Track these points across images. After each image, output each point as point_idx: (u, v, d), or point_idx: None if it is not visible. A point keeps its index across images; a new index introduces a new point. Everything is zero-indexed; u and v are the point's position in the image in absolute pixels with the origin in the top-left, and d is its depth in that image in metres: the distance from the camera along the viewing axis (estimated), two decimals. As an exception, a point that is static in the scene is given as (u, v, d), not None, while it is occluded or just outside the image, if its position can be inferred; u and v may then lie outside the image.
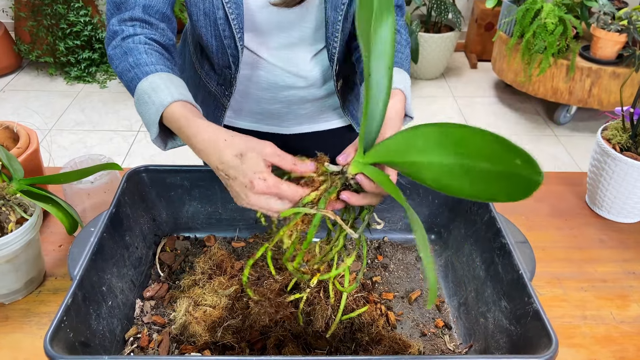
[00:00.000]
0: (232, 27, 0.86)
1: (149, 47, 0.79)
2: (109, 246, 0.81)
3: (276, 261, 0.88)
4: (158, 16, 0.82)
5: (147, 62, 0.76)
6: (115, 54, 0.80)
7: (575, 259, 0.99)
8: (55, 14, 3.13)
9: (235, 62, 0.91)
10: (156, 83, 0.74)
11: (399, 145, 0.60)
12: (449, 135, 0.55)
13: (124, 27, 0.80)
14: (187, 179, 0.95)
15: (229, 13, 0.84)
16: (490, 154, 0.52)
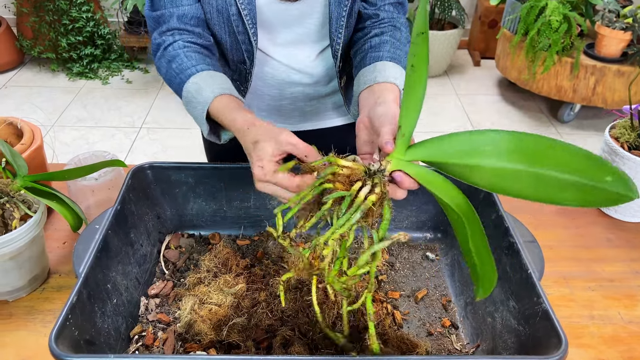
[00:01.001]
0: (245, 23, 0.86)
1: (188, 50, 0.85)
2: (113, 243, 0.80)
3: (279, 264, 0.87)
4: (193, 22, 0.87)
5: (188, 65, 0.83)
6: (161, 64, 0.87)
7: (582, 258, 0.98)
8: (57, 10, 3.12)
9: (250, 57, 0.92)
10: (198, 84, 0.80)
11: (459, 145, 0.59)
12: (525, 143, 0.56)
13: (164, 37, 0.87)
14: (192, 176, 0.94)
15: (241, 9, 0.84)
16: (575, 166, 0.53)
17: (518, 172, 0.55)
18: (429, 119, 3.03)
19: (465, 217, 0.58)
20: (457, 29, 3.34)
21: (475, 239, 0.57)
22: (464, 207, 0.58)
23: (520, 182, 0.55)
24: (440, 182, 0.61)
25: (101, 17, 3.33)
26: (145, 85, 3.25)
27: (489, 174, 0.57)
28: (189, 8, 0.87)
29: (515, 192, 0.56)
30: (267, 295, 0.81)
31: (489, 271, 0.57)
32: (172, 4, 0.87)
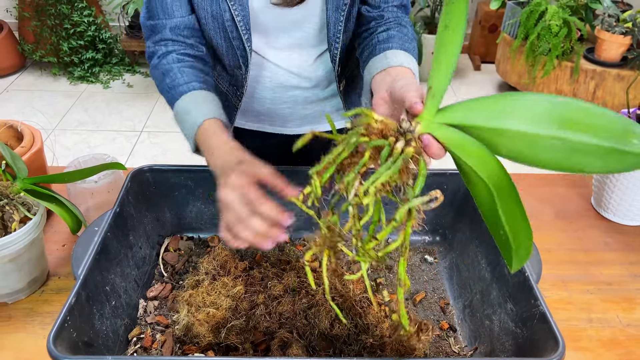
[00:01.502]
0: (239, 29, 0.87)
1: (182, 65, 0.86)
2: (112, 246, 0.81)
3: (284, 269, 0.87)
4: (186, 33, 0.89)
5: (180, 82, 0.85)
6: (155, 75, 0.89)
7: (580, 262, 0.98)
8: (59, 14, 3.13)
9: (245, 63, 0.92)
10: (188, 107, 0.82)
11: (489, 108, 0.55)
12: (557, 107, 0.52)
13: (157, 47, 0.89)
14: (191, 179, 0.94)
15: (234, 15, 0.85)
16: (605, 130, 0.51)
17: (547, 139, 0.53)
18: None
19: (497, 188, 0.55)
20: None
21: (509, 209, 0.55)
22: (498, 176, 0.55)
23: (547, 150, 0.53)
24: (472, 147, 0.56)
25: (103, 22, 3.35)
26: (146, 89, 3.26)
27: (517, 140, 0.54)
28: (181, 20, 0.87)
29: (542, 161, 0.53)
30: (266, 298, 0.81)
31: (524, 239, 0.56)
32: (165, 15, 0.87)
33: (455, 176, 0.95)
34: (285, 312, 0.79)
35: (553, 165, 0.53)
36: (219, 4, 0.85)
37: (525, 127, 0.53)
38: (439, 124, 0.58)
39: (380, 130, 0.58)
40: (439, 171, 0.95)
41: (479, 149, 0.56)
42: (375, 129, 0.58)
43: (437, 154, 0.58)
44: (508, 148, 0.55)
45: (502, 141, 0.55)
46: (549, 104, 0.53)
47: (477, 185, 0.57)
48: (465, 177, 0.58)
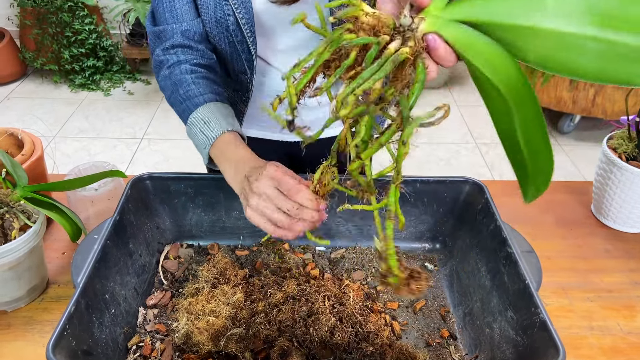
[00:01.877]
0: (243, 32, 0.87)
1: (196, 76, 0.86)
2: (112, 254, 0.81)
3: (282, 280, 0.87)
4: (197, 37, 0.89)
5: (195, 94, 0.85)
6: (166, 85, 0.88)
7: (580, 269, 0.98)
8: (60, 22, 3.15)
9: (251, 67, 0.93)
10: (207, 116, 0.83)
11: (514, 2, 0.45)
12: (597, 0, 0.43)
13: (167, 55, 0.88)
14: (191, 187, 0.94)
15: (239, 18, 0.85)
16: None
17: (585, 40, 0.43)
18: (429, 129, 3.03)
19: (515, 98, 0.47)
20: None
21: (528, 125, 0.47)
22: (515, 84, 0.46)
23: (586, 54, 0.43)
24: (485, 47, 0.47)
25: (104, 30, 3.36)
26: (146, 97, 3.27)
27: (548, 41, 0.44)
28: (191, 23, 0.88)
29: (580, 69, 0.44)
30: (265, 306, 0.81)
31: (543, 163, 0.48)
32: (174, 19, 0.87)
33: (455, 183, 0.95)
34: (285, 320, 0.79)
35: (592, 74, 0.44)
36: (222, 8, 0.85)
37: (561, 25, 0.44)
38: (448, 20, 0.48)
39: (372, 27, 0.49)
40: (438, 178, 0.95)
41: (494, 51, 0.47)
42: (366, 25, 0.48)
43: (446, 58, 0.49)
44: (537, 52, 0.45)
45: (529, 43, 0.45)
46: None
47: (492, 98, 0.48)
48: (480, 88, 0.49)
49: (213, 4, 0.87)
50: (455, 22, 0.48)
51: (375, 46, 0.47)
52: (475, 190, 0.94)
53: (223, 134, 0.81)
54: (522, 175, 0.51)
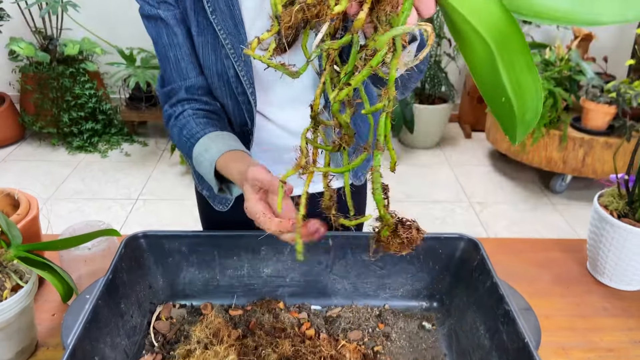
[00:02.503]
0: (243, 84, 0.92)
1: (197, 116, 0.92)
2: (103, 314, 0.79)
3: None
4: (200, 92, 0.95)
5: (197, 130, 0.90)
6: (173, 132, 0.95)
7: (579, 328, 0.97)
8: (61, 87, 3.23)
9: (251, 118, 0.97)
10: (207, 144, 0.87)
11: None
12: None
13: (174, 108, 0.95)
14: (186, 245, 0.94)
15: (238, 71, 0.90)
16: None
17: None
18: (423, 189, 3.07)
19: (497, 40, 0.46)
20: (447, 104, 3.46)
21: (513, 61, 0.46)
22: (499, 25, 0.45)
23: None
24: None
25: (103, 94, 3.44)
26: (143, 158, 3.31)
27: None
28: (195, 79, 0.94)
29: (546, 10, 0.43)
30: None
31: (531, 97, 0.47)
32: (180, 77, 0.94)
33: (450, 240, 0.96)
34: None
35: (562, 15, 0.43)
36: (223, 62, 0.91)
37: None
38: None
39: None
40: (433, 235, 0.95)
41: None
42: None
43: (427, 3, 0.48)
44: None
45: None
46: None
47: (472, 44, 0.48)
48: (458, 37, 0.49)
49: (214, 58, 0.91)
50: None
51: None
52: (471, 247, 0.94)
53: (221, 156, 0.83)
54: (509, 117, 0.50)
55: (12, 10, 3.20)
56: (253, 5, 0.89)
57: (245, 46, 0.90)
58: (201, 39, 0.91)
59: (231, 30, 0.88)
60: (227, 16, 0.88)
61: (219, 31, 0.88)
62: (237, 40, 0.89)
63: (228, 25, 0.88)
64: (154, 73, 3.10)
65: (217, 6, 0.87)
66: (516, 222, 2.77)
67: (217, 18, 0.87)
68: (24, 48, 3.08)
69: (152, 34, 0.93)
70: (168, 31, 0.90)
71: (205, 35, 0.90)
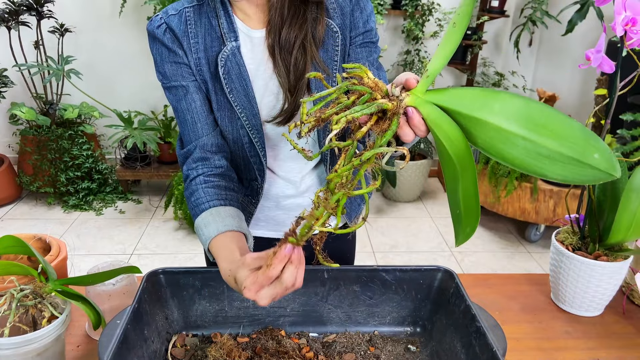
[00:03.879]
0: (256, 148, 1.08)
1: (206, 186, 1.02)
2: (131, 337, 0.91)
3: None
4: (213, 149, 1.06)
5: (203, 201, 1.00)
6: (186, 196, 1.05)
7: (545, 348, 1.10)
8: (59, 149, 3.37)
9: (261, 175, 1.12)
10: (207, 220, 0.97)
11: (473, 99, 0.62)
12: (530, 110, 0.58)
13: (190, 171, 1.05)
14: (199, 279, 1.07)
15: (252, 137, 1.06)
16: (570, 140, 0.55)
17: (517, 137, 0.58)
18: (407, 239, 3.22)
19: (461, 165, 0.62)
20: (426, 159, 3.68)
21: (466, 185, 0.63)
22: (463, 155, 0.62)
23: (517, 148, 0.58)
24: (447, 126, 0.63)
25: (100, 155, 3.59)
26: (137, 215, 3.42)
27: (491, 132, 0.59)
28: (207, 138, 1.07)
29: (510, 158, 0.59)
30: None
31: (472, 217, 0.66)
32: (195, 137, 1.07)
33: (429, 272, 1.10)
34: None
35: (518, 163, 0.59)
36: (239, 131, 1.07)
37: (502, 122, 0.59)
38: (426, 101, 0.65)
39: (371, 87, 0.66)
40: (414, 267, 1.10)
41: (454, 130, 0.63)
42: (366, 84, 0.66)
43: (419, 128, 0.66)
44: (483, 139, 0.61)
45: (479, 131, 0.61)
46: (525, 106, 0.59)
47: (447, 163, 0.65)
48: (440, 154, 0.66)
49: (231, 128, 1.08)
50: (431, 104, 0.66)
51: (368, 94, 0.67)
52: (447, 276, 1.08)
53: (217, 236, 0.93)
54: (457, 224, 0.69)
55: (15, 77, 3.39)
56: (261, 84, 1.07)
57: (258, 118, 1.07)
58: (220, 113, 1.08)
59: (245, 106, 1.06)
60: (242, 94, 1.05)
61: (236, 107, 1.05)
62: (250, 113, 1.06)
63: (243, 102, 1.05)
64: (150, 134, 3.28)
65: (234, 87, 1.05)
66: (495, 270, 2.92)
67: (234, 97, 1.05)
68: (26, 112, 3.25)
69: (172, 101, 1.08)
70: (187, 98, 1.07)
71: (224, 110, 1.07)
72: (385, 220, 3.45)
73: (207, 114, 1.08)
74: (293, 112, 1.04)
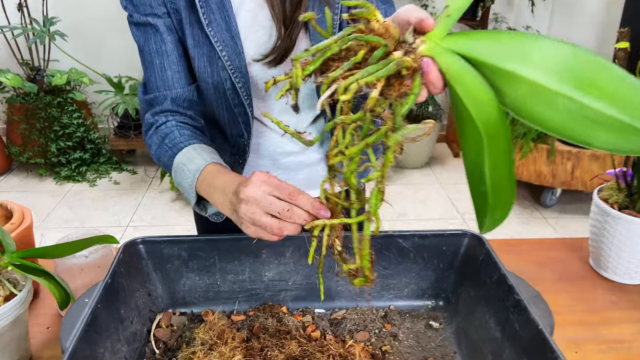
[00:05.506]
0: (240, 96, 0.90)
1: (182, 128, 0.89)
2: (103, 318, 0.76)
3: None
4: (186, 104, 0.92)
5: (181, 140, 0.87)
6: (152, 142, 0.91)
7: (589, 322, 0.95)
8: (48, 117, 3.20)
9: (248, 129, 0.95)
10: (190, 154, 0.84)
11: (506, 46, 0.49)
12: (578, 61, 0.46)
13: (157, 117, 0.91)
14: (185, 250, 0.92)
15: (235, 82, 0.88)
16: (624, 101, 0.45)
17: (558, 96, 0.46)
18: (415, 206, 3.07)
19: (490, 133, 0.49)
20: (434, 123, 3.49)
21: (497, 159, 0.50)
22: (494, 120, 0.49)
23: (556, 109, 0.47)
24: (473, 82, 0.50)
25: (92, 123, 3.43)
26: (132, 186, 3.27)
27: (525, 89, 0.47)
28: (181, 91, 0.91)
29: (547, 122, 0.47)
30: None
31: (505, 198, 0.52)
32: (165, 87, 0.91)
33: (453, 237, 0.95)
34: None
35: (556, 129, 0.48)
36: (219, 74, 0.89)
37: (541, 77, 0.47)
38: (445, 49, 0.51)
39: (380, 34, 0.51)
40: (436, 232, 0.94)
41: (481, 89, 0.49)
42: (375, 30, 0.51)
43: (435, 84, 0.52)
44: (513, 98, 0.49)
45: (509, 88, 0.48)
46: (571, 56, 0.46)
47: (469, 130, 0.52)
48: (459, 117, 0.53)
49: (210, 70, 0.90)
50: (451, 52, 0.51)
51: (382, 48, 0.50)
52: (475, 242, 0.93)
53: (207, 166, 0.80)
54: (483, 206, 0.54)
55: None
56: (247, 16, 0.89)
57: (242, 58, 0.89)
58: (197, 50, 0.89)
59: (228, 42, 0.87)
60: (224, 28, 0.87)
61: (216, 43, 0.87)
62: (234, 52, 0.88)
63: (224, 37, 0.87)
64: (143, 100, 3.10)
65: (213, 18, 0.86)
66: (510, 236, 2.77)
67: (213, 30, 0.87)
68: (11, 79, 3.07)
69: (139, 40, 0.91)
70: (156, 38, 0.89)
71: (202, 47, 0.89)
72: (393, 187, 3.29)
73: (179, 59, 0.91)
74: (287, 51, 0.87)
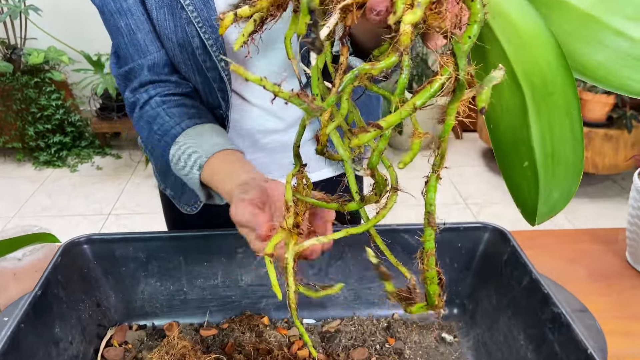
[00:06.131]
0: (212, 55, 0.73)
1: (168, 106, 0.75)
2: (27, 342, 0.59)
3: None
4: (166, 70, 0.78)
5: (171, 124, 0.73)
6: (141, 127, 0.78)
7: (633, 332, 0.79)
8: (25, 99, 3.01)
9: (225, 98, 0.79)
10: (187, 146, 0.71)
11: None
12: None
13: (137, 95, 0.77)
14: (143, 250, 0.75)
15: (205, 39, 0.71)
16: None
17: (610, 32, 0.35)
18: (416, 192, 2.90)
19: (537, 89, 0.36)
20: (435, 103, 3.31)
21: (556, 121, 0.37)
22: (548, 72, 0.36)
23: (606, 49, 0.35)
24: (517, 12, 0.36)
25: (72, 105, 3.23)
26: (116, 171, 3.09)
27: (569, 20, 0.36)
28: (158, 55, 0.76)
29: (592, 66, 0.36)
30: None
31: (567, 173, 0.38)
32: (139, 55, 0.75)
33: (471, 231, 0.78)
34: None
35: (600, 75, 0.36)
36: (184, 30, 0.72)
37: (587, 3, 0.35)
38: None
39: None
40: (451, 225, 0.77)
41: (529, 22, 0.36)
42: None
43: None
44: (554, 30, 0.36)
45: (552, 18, 0.36)
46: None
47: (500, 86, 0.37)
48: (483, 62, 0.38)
49: (173, 25, 0.73)
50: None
51: None
52: (497, 238, 0.76)
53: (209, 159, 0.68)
54: (528, 189, 0.40)
55: (-29, 18, 2.99)
56: None
57: (211, 8, 0.72)
58: (155, 0, 0.72)
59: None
60: None
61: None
62: (200, 0, 0.71)
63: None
64: (125, 80, 2.91)
65: None
66: (517, 222, 2.61)
67: None
68: (-16, 58, 2.87)
69: (95, 1, 0.75)
70: None
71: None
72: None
73: (149, 20, 0.75)
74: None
